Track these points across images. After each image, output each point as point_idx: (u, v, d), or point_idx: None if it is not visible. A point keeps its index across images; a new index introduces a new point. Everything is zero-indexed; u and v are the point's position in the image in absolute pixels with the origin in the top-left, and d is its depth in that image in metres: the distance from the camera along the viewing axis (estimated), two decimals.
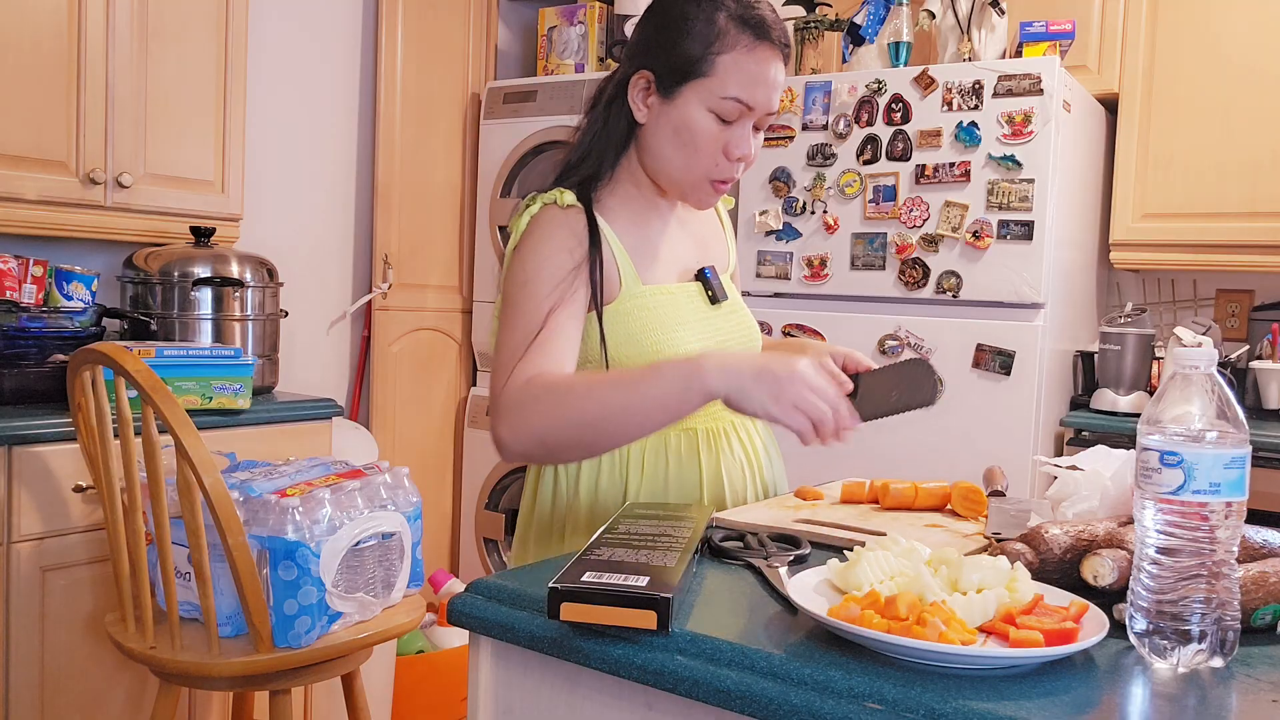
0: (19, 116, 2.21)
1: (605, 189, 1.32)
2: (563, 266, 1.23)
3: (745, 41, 1.23)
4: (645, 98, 1.28)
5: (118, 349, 1.70)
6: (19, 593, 1.95)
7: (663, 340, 1.28)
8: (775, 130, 2.83)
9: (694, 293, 1.36)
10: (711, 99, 1.24)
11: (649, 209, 1.35)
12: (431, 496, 3.38)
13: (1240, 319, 2.94)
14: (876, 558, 0.90)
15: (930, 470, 2.50)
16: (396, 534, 1.82)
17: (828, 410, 1.06)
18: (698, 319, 1.33)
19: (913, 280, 2.64)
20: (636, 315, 1.28)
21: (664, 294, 1.31)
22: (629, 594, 0.82)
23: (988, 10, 2.72)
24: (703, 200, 1.33)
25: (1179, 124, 2.72)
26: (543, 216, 1.27)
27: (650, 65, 1.27)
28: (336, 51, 3.17)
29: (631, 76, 1.28)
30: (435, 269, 3.41)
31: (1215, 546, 0.77)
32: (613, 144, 1.32)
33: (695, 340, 1.31)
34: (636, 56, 1.29)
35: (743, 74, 1.23)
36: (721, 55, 1.23)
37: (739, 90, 1.23)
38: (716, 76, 1.23)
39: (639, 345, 1.27)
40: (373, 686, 2.42)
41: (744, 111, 1.25)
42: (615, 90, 1.32)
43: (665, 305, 1.30)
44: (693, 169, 1.28)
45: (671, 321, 1.30)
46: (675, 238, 1.38)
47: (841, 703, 0.73)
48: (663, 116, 1.27)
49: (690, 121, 1.25)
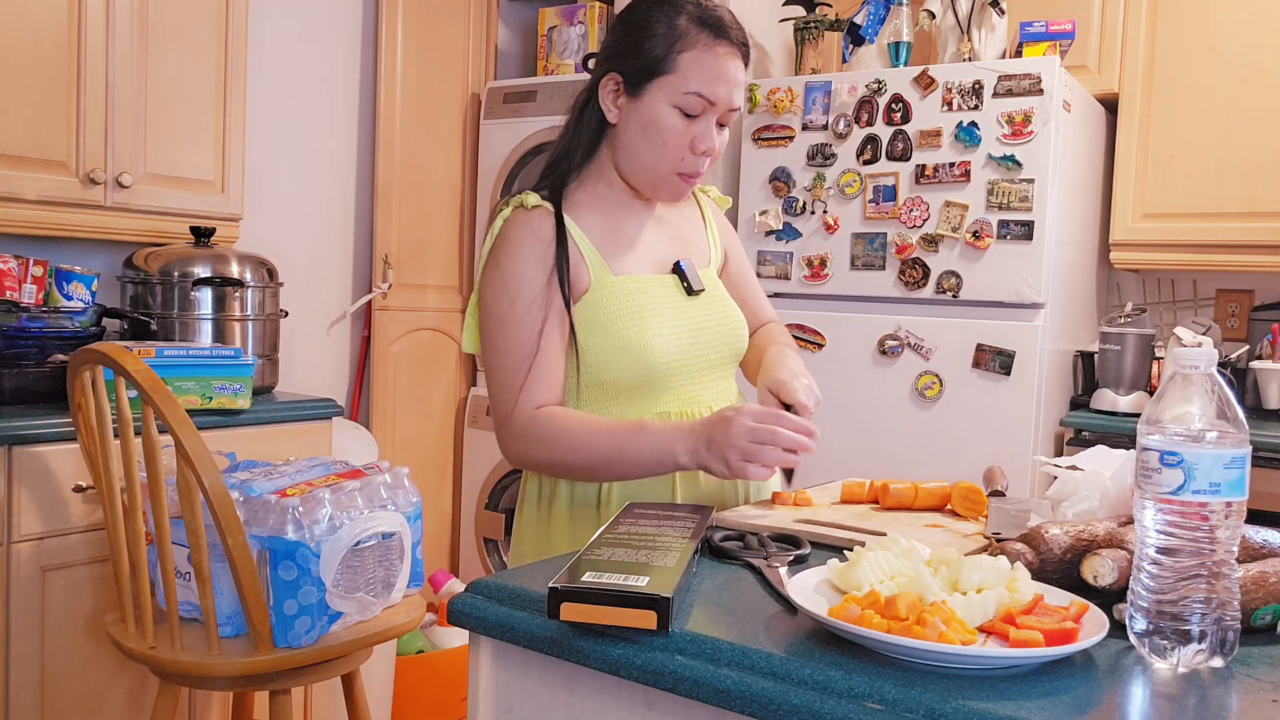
0: (19, 116, 2.21)
1: (574, 187, 1.40)
2: (539, 280, 1.31)
3: (705, 40, 1.31)
4: (615, 99, 1.36)
5: (118, 349, 1.70)
6: (19, 593, 1.95)
7: (631, 327, 1.33)
8: (775, 130, 2.83)
9: (668, 283, 1.40)
10: (675, 95, 1.31)
11: (620, 206, 1.41)
12: (431, 496, 3.38)
13: (1240, 319, 2.94)
14: (876, 558, 0.90)
15: (930, 470, 2.50)
16: (396, 534, 1.82)
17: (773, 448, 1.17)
18: (672, 308, 1.38)
19: (913, 280, 2.64)
20: (605, 303, 1.33)
21: (635, 283, 1.37)
22: (629, 594, 0.82)
23: (988, 10, 2.72)
24: (673, 194, 1.40)
25: (1179, 124, 2.72)
26: (511, 222, 1.35)
27: (618, 68, 1.35)
28: (336, 51, 3.17)
29: (602, 80, 1.36)
30: (435, 269, 3.41)
31: (1215, 546, 0.77)
32: (582, 145, 1.40)
33: (668, 328, 1.35)
34: (606, 61, 1.38)
35: (703, 69, 1.31)
36: (683, 53, 1.31)
37: (700, 85, 1.31)
38: (679, 73, 1.31)
39: (608, 332, 1.33)
40: (373, 686, 2.42)
41: (706, 106, 1.32)
42: (587, 95, 1.40)
43: (636, 293, 1.36)
44: (661, 163, 1.35)
45: (642, 309, 1.34)
46: (651, 233, 1.43)
47: (841, 703, 0.73)
48: (632, 115, 1.35)
49: (657, 118, 1.32)
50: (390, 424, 3.26)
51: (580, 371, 1.34)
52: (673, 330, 1.36)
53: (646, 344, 1.32)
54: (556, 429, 1.28)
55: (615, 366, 1.32)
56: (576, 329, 1.33)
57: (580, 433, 1.27)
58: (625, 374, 1.33)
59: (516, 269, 1.32)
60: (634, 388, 1.34)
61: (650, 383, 1.34)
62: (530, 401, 1.30)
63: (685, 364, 1.37)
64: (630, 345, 1.32)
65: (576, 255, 1.34)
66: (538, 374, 1.30)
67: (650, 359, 1.32)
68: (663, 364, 1.34)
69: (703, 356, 1.40)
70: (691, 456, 1.22)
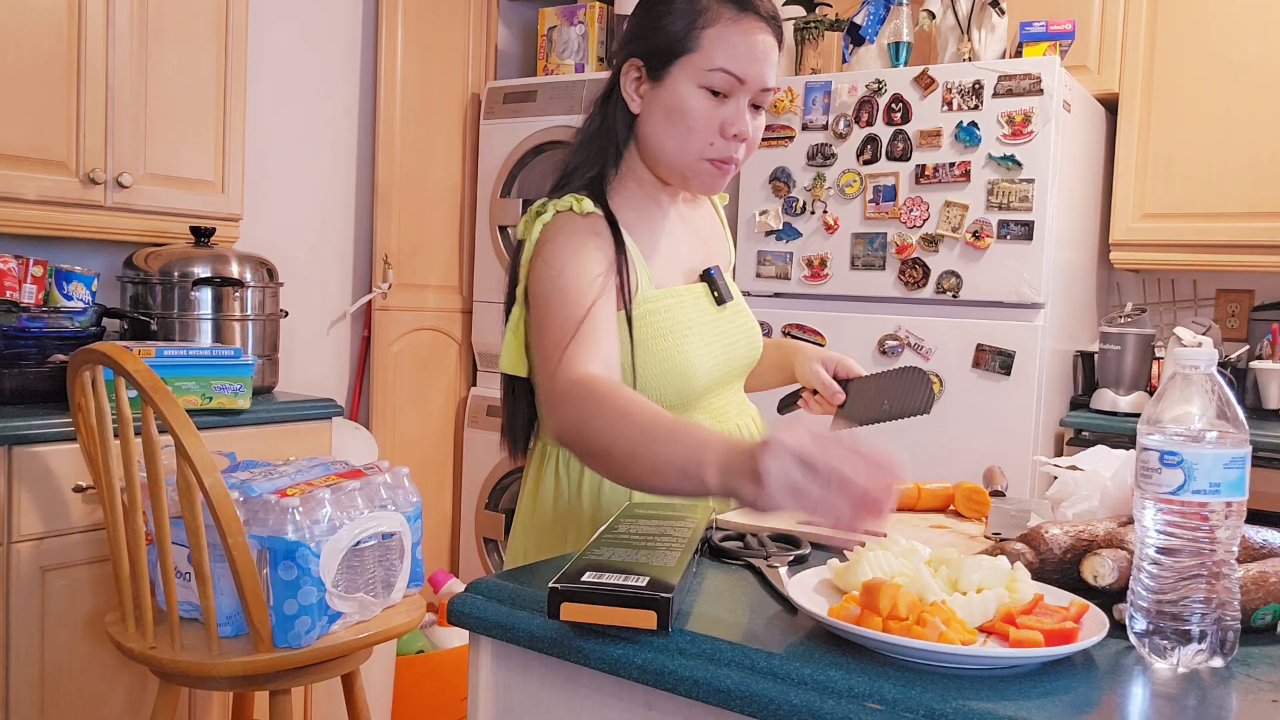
0: (19, 116, 2.21)
1: (611, 190, 1.30)
2: (597, 264, 1.20)
3: (729, 14, 1.22)
4: (638, 87, 1.27)
5: (118, 349, 1.70)
6: (19, 593, 1.95)
7: (673, 347, 1.26)
8: (775, 130, 2.83)
9: (700, 294, 1.34)
10: (699, 74, 1.22)
11: (652, 205, 1.33)
12: (431, 496, 3.38)
13: (1240, 319, 2.94)
14: (876, 558, 0.90)
15: (930, 470, 2.50)
16: (396, 534, 1.82)
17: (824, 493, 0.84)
18: (705, 322, 1.32)
19: (913, 280, 2.64)
20: (649, 320, 1.26)
21: (674, 297, 1.29)
22: (629, 594, 0.82)
23: (988, 10, 2.72)
24: (705, 185, 1.30)
25: (1179, 124, 2.72)
26: (563, 225, 1.23)
27: (638, 52, 1.26)
28: (336, 51, 3.17)
29: (623, 68, 1.28)
30: (435, 269, 3.41)
31: (1215, 546, 0.77)
32: (614, 141, 1.30)
33: (703, 345, 1.29)
34: (625, 46, 1.29)
35: (728, 45, 1.21)
36: (706, 29, 1.21)
37: (726, 61, 1.21)
38: (702, 50, 1.21)
39: (651, 351, 1.25)
40: (373, 686, 2.42)
41: (734, 85, 1.22)
42: (609, 86, 1.31)
43: (675, 310, 1.29)
44: (688, 149, 1.25)
45: (682, 327, 1.28)
46: (678, 235, 1.36)
47: (841, 703, 0.73)
48: (655, 101, 1.25)
49: (681, 100, 1.23)
50: (390, 424, 3.26)
51: None
52: (709, 347, 1.30)
53: (690, 365, 1.26)
54: (593, 397, 1.06)
55: (655, 386, 1.25)
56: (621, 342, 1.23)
57: (613, 407, 1.04)
58: (664, 393, 1.26)
59: (571, 259, 1.19)
60: (670, 407, 1.26)
61: (685, 400, 1.28)
62: (578, 364, 1.11)
63: (718, 380, 1.33)
64: (675, 367, 1.26)
65: (631, 265, 1.25)
66: (589, 339, 1.14)
67: (692, 380, 1.27)
68: (702, 384, 1.28)
69: (731, 371, 1.35)
70: (720, 474, 0.92)
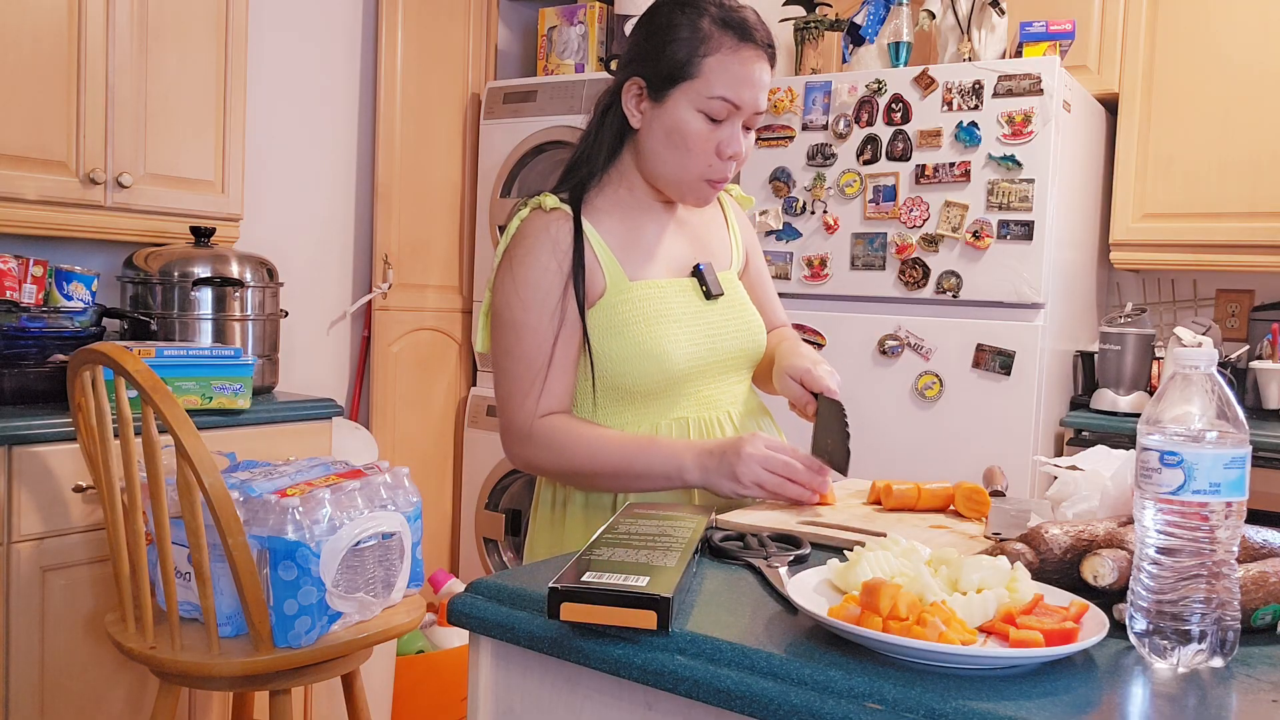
0: (19, 116, 2.21)
1: (595, 191, 1.37)
2: (554, 288, 1.30)
3: (729, 43, 1.29)
4: (638, 104, 1.33)
5: (118, 349, 1.70)
6: (19, 593, 1.95)
7: (646, 333, 1.32)
8: (775, 130, 2.83)
9: (687, 288, 1.39)
10: (699, 100, 1.29)
11: (641, 210, 1.39)
12: (431, 496, 3.38)
13: (1240, 319, 2.94)
14: (876, 558, 0.90)
15: (930, 470, 2.50)
16: (396, 534, 1.82)
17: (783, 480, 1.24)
18: (689, 314, 1.36)
19: (913, 280, 2.64)
20: (621, 309, 1.32)
21: (652, 288, 1.35)
22: (629, 594, 0.82)
23: (988, 10, 2.72)
24: (699, 199, 1.38)
25: (1179, 124, 2.72)
26: (528, 223, 1.34)
27: (641, 72, 1.32)
28: (336, 51, 3.17)
29: (625, 84, 1.34)
30: (435, 269, 3.41)
31: (1215, 546, 0.77)
32: (604, 149, 1.38)
33: (682, 333, 1.34)
34: (628, 65, 1.35)
35: (728, 74, 1.28)
36: (707, 58, 1.28)
37: (725, 89, 1.28)
38: (703, 78, 1.28)
39: (624, 337, 1.31)
40: (373, 686, 2.42)
41: (732, 110, 1.30)
42: (610, 98, 1.37)
43: (652, 299, 1.34)
44: (687, 169, 1.33)
45: (657, 315, 1.33)
46: (671, 236, 1.41)
47: (841, 703, 0.73)
48: (655, 120, 1.32)
49: (681, 123, 1.30)
50: (390, 424, 3.26)
51: (596, 377, 1.33)
52: (689, 336, 1.35)
53: (664, 350, 1.31)
54: (564, 437, 1.29)
55: (631, 372, 1.31)
56: (590, 334, 1.32)
57: (587, 443, 1.28)
58: (642, 379, 1.32)
59: (532, 276, 1.30)
60: (650, 393, 1.33)
61: (667, 388, 1.34)
62: (539, 409, 1.30)
63: (702, 369, 1.37)
64: (647, 351, 1.31)
65: (592, 260, 1.32)
66: (549, 383, 1.30)
67: (667, 365, 1.32)
68: (679, 370, 1.33)
69: (720, 361, 1.39)
70: (700, 473, 1.25)
